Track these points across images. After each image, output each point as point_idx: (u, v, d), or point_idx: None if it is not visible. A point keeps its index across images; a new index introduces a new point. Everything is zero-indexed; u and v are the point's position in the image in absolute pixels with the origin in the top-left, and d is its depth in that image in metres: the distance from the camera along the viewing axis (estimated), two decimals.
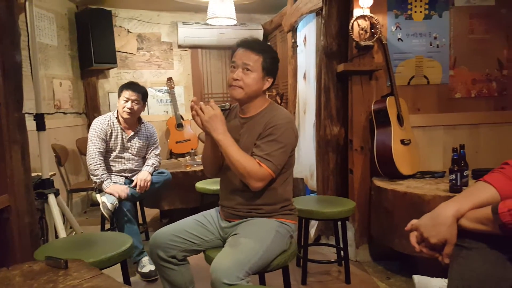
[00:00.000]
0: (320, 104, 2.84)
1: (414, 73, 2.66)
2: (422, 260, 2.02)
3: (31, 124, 2.04)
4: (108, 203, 2.45)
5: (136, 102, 2.67)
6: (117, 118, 2.70)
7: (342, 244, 2.37)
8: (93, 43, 4.21)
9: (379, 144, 2.45)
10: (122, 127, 2.71)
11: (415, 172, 2.49)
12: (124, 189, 2.54)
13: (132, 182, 2.68)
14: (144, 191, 2.66)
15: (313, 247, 2.82)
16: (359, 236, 2.65)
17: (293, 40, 3.74)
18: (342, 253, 2.37)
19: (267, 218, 1.65)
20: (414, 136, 2.56)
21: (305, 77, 3.49)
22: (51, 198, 2.24)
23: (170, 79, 4.97)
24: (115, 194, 2.48)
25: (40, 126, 2.25)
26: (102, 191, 2.54)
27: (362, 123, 2.61)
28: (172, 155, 4.77)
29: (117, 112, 2.72)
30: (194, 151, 3.79)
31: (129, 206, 2.54)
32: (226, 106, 1.69)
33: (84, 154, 3.65)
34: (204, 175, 3.06)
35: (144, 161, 2.86)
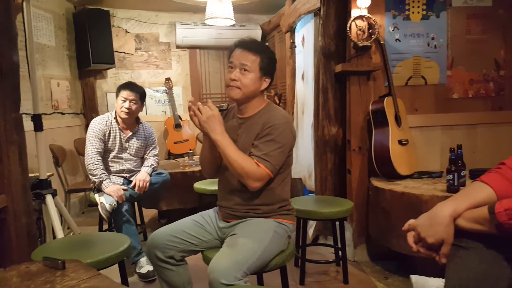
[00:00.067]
0: (318, 104, 2.84)
1: (411, 73, 2.67)
2: (420, 260, 2.03)
3: (28, 124, 2.04)
4: (106, 203, 2.45)
5: (134, 102, 2.66)
6: (115, 118, 2.70)
7: (340, 244, 2.37)
8: (91, 43, 4.20)
9: (377, 144, 2.46)
10: (120, 128, 2.70)
11: (413, 172, 2.50)
12: (122, 190, 2.53)
13: (131, 182, 2.68)
14: (143, 192, 2.66)
15: (311, 247, 2.82)
16: (357, 236, 2.66)
17: (291, 41, 3.74)
18: (340, 253, 2.37)
19: (265, 218, 1.65)
20: (412, 136, 2.56)
21: (303, 77, 3.49)
22: (49, 198, 2.23)
23: (168, 79, 4.97)
24: (114, 196, 2.48)
25: (38, 127, 2.25)
26: (101, 192, 2.53)
27: (360, 124, 2.61)
28: (170, 156, 4.77)
29: (115, 112, 2.71)
30: (192, 151, 3.78)
31: (127, 207, 2.54)
32: (224, 107, 1.69)
33: (82, 154, 3.64)
34: (202, 175, 3.06)
35: (143, 161, 2.86)
